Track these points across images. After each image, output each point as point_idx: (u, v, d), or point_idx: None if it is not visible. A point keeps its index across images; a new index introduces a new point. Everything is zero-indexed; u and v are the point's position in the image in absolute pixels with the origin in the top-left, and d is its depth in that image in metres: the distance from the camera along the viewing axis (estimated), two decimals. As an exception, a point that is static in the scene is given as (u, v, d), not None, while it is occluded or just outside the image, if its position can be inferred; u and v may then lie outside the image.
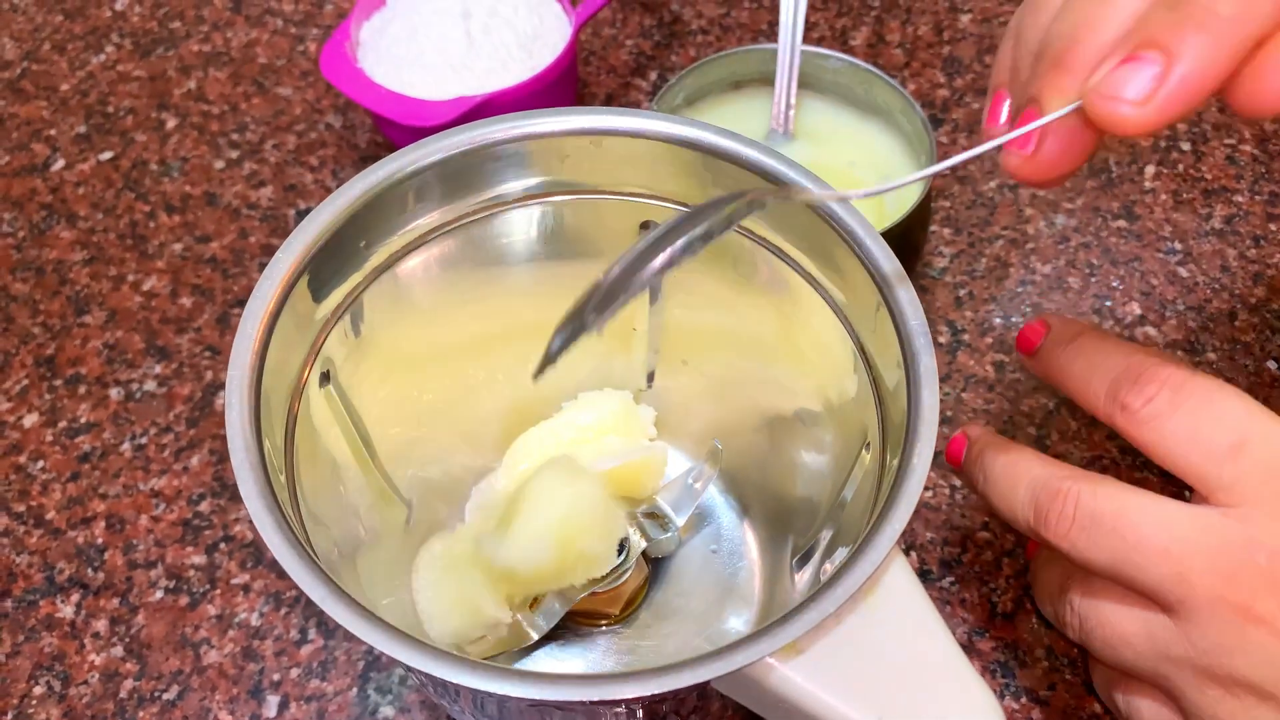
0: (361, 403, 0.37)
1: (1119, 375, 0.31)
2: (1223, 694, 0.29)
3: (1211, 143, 0.58)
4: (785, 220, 0.35)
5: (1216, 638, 0.28)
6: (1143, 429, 0.30)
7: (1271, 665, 0.28)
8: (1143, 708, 0.33)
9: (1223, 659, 0.28)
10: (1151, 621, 0.30)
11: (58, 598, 0.44)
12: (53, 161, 0.60)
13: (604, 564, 0.36)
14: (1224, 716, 0.29)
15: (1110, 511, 0.30)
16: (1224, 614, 0.28)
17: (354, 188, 0.33)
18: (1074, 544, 0.30)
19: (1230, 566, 0.28)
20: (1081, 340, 0.32)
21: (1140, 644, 0.31)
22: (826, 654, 0.27)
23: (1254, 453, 0.29)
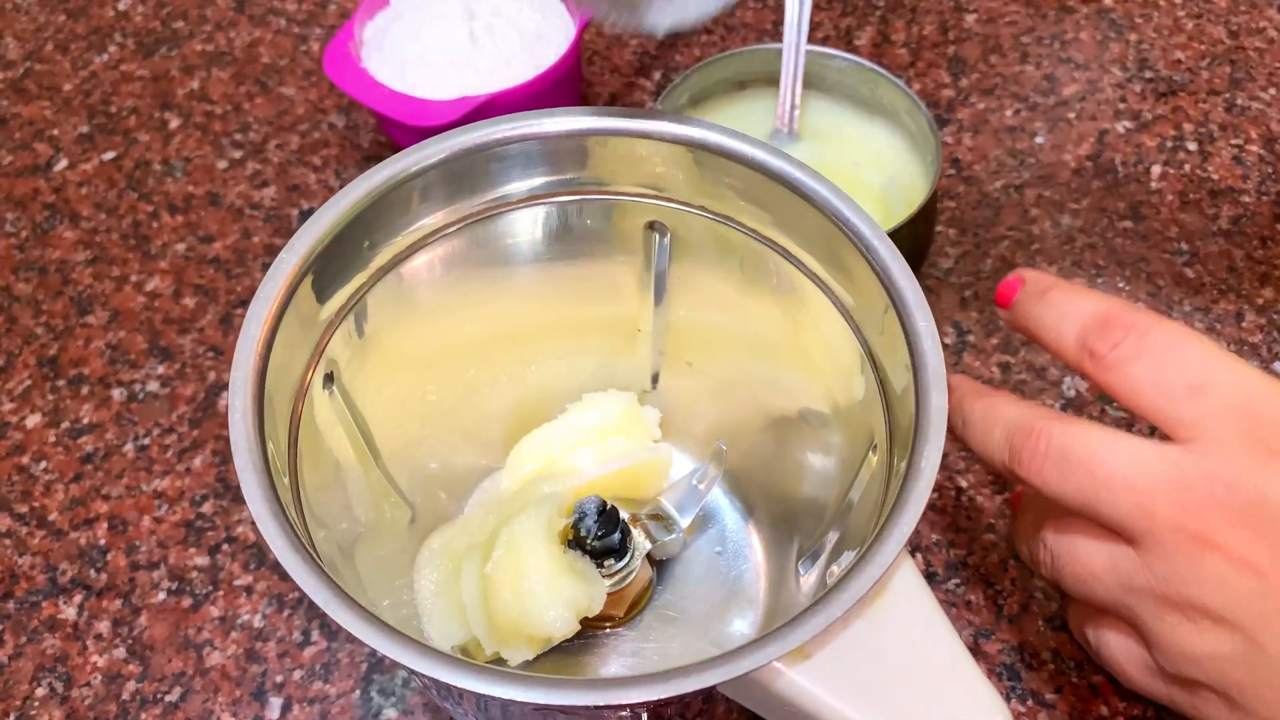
0: (365, 403, 0.37)
1: (1087, 323, 0.32)
2: (1180, 619, 0.30)
3: (1218, 143, 0.57)
4: (793, 222, 0.35)
5: (1175, 566, 0.29)
6: (1109, 373, 0.31)
7: (1226, 590, 0.29)
8: (1110, 640, 0.34)
9: (1180, 586, 0.30)
10: (1116, 554, 0.31)
11: (60, 599, 0.44)
12: (55, 161, 0.60)
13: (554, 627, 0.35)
14: (1181, 642, 0.30)
15: (1080, 447, 0.31)
16: (1183, 543, 0.29)
17: (358, 188, 0.33)
18: (1046, 480, 0.32)
19: (1190, 498, 0.29)
20: (1053, 292, 0.34)
21: (1106, 576, 0.32)
22: (834, 658, 0.27)
23: (1213, 392, 0.30)
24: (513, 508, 0.39)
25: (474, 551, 0.38)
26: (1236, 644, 0.29)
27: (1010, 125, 0.58)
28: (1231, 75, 0.60)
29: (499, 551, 0.36)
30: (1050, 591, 0.43)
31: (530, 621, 0.35)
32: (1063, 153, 0.57)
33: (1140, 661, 0.33)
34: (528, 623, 0.35)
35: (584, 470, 0.40)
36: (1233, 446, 0.29)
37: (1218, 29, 0.63)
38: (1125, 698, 0.40)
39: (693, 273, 0.38)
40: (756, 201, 0.35)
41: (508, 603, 0.35)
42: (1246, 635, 0.29)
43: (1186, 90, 0.60)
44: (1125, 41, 0.62)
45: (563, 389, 0.42)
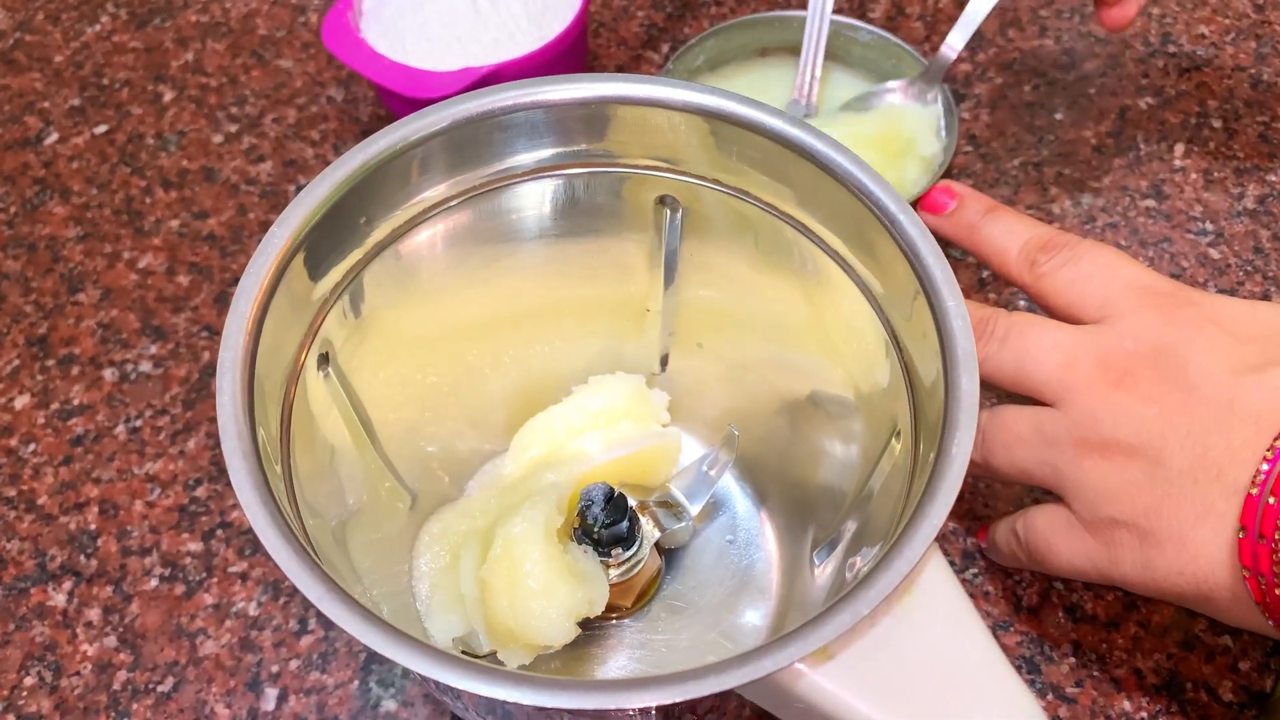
0: (362, 386, 0.35)
1: (1029, 242, 0.38)
2: (1097, 460, 0.34)
3: (1244, 120, 0.56)
4: (814, 197, 0.33)
5: (1090, 409, 0.34)
6: (1042, 281, 0.37)
7: (1135, 422, 0.33)
8: (1035, 519, 0.37)
9: (1095, 426, 0.33)
10: (1041, 415, 0.35)
11: (49, 585, 0.43)
12: (46, 135, 0.58)
13: (551, 636, 0.34)
14: (1098, 481, 0.34)
15: (1018, 326, 0.36)
16: (1097, 388, 0.34)
17: (354, 159, 0.31)
18: (988, 355, 0.36)
19: (1104, 352, 0.34)
20: (998, 212, 0.39)
21: (1030, 436, 0.35)
22: (859, 658, 0.25)
23: (1120, 280, 0.35)
24: (515, 497, 0.38)
25: (473, 541, 0.37)
26: (1144, 468, 0.33)
27: (1029, 101, 0.57)
28: (1257, 50, 0.59)
29: (495, 551, 0.35)
30: (1071, 582, 0.42)
31: (526, 630, 0.34)
32: (1082, 129, 0.56)
33: (1064, 523, 0.35)
34: (523, 631, 0.34)
35: (590, 455, 0.38)
36: (1139, 314, 0.34)
37: (1242, 3, 0.61)
38: (1147, 692, 0.40)
39: (705, 250, 0.37)
40: (775, 175, 0.33)
41: (504, 610, 0.34)
42: (1151, 457, 0.33)
43: (1211, 66, 0.58)
44: (1147, 15, 0.60)
45: (568, 371, 0.41)
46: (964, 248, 0.40)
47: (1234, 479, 0.31)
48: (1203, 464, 0.32)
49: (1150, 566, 0.33)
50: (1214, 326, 0.34)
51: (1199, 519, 0.32)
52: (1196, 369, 0.33)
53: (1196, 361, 0.33)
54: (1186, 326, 0.34)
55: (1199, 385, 0.33)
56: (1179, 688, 0.40)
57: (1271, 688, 0.39)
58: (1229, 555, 0.31)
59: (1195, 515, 0.32)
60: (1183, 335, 0.33)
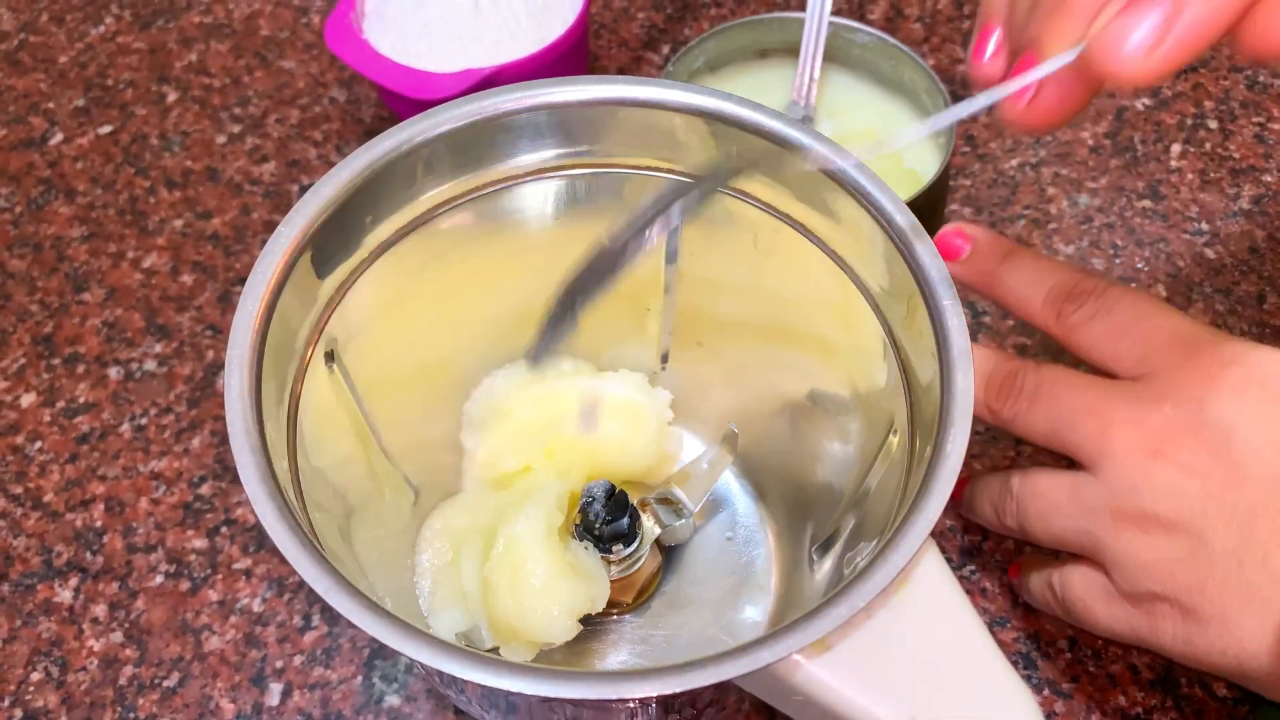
0: (366, 383, 0.36)
1: (1053, 289, 0.35)
2: (1135, 533, 0.32)
3: (1239, 121, 0.56)
4: (811, 197, 0.33)
5: (1129, 478, 0.32)
6: (1073, 333, 0.35)
7: (1174, 496, 0.31)
8: (1072, 578, 0.35)
9: (1134, 498, 0.32)
10: (1078, 481, 0.34)
11: (56, 582, 0.43)
12: (51, 135, 0.59)
13: (553, 633, 0.35)
14: (1137, 555, 0.32)
15: (1050, 381, 0.34)
16: (1136, 457, 0.32)
17: (359, 159, 0.31)
18: (1018, 413, 0.35)
19: (1142, 417, 0.32)
20: (1018, 256, 0.37)
21: (1067, 504, 0.34)
22: (856, 650, 0.26)
23: (1156, 334, 0.33)
24: (513, 494, 0.39)
25: (474, 537, 0.37)
26: (1185, 545, 0.31)
27: (1027, 102, 0.57)
28: (1253, 52, 0.59)
29: (498, 550, 0.35)
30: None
31: (529, 628, 0.34)
32: (1080, 130, 0.56)
33: (1102, 590, 0.34)
34: (526, 629, 0.35)
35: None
36: (1178, 375, 0.32)
37: (1240, 4, 0.61)
38: (1143, 688, 0.40)
39: (705, 250, 0.37)
40: (775, 175, 0.34)
41: (507, 608, 0.35)
42: (1193, 534, 0.31)
43: (1207, 67, 0.58)
44: (1145, 17, 0.61)
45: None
46: (983, 294, 0.38)
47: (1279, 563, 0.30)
48: (1248, 546, 0.30)
49: (1192, 643, 0.32)
50: (1260, 391, 0.31)
51: (1243, 604, 0.30)
52: (1241, 442, 0.31)
53: (1241, 434, 0.31)
54: (1230, 392, 0.31)
55: (1243, 459, 0.31)
56: (1174, 683, 0.40)
57: (1265, 683, 0.40)
58: (1274, 641, 0.30)
59: (1240, 600, 0.30)
60: (1226, 402, 0.31)
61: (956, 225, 0.38)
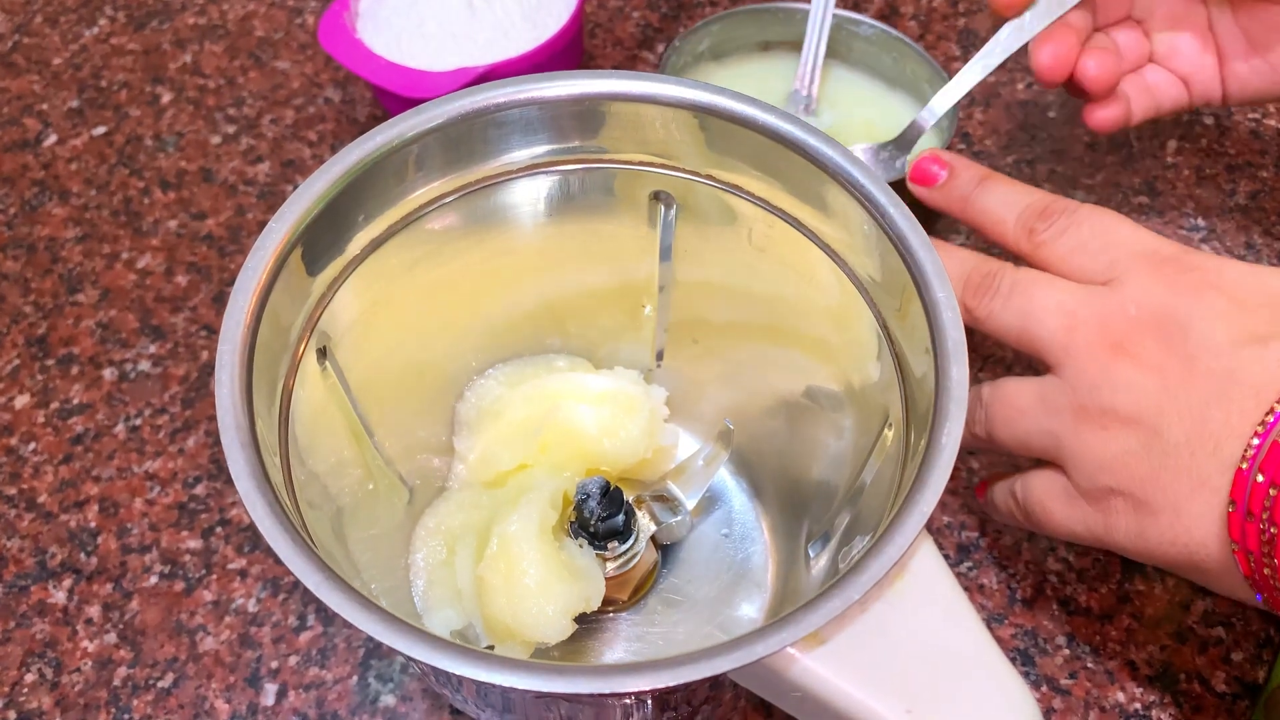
0: (359, 380, 0.35)
1: (1026, 209, 0.37)
2: (1095, 429, 0.33)
3: (1235, 117, 0.56)
4: (806, 191, 0.33)
5: (1090, 377, 0.33)
6: (1043, 249, 0.36)
7: (1133, 391, 0.33)
8: (1034, 482, 0.36)
9: (1095, 395, 0.33)
10: (1043, 384, 0.35)
11: (50, 583, 0.43)
12: (45, 136, 0.59)
13: (548, 633, 0.35)
14: (1095, 450, 0.33)
15: (1024, 282, 0.35)
16: (1098, 355, 0.33)
17: (350, 155, 0.31)
18: (992, 311, 0.36)
19: (1106, 316, 0.34)
20: (992, 181, 0.38)
21: (1032, 406, 0.35)
22: (851, 644, 0.26)
23: (1122, 245, 0.35)
24: (508, 491, 0.38)
25: (468, 535, 0.37)
26: (1141, 438, 0.32)
27: (1022, 99, 0.57)
28: (1249, 47, 0.59)
29: (492, 549, 0.35)
30: (1065, 575, 0.42)
31: (524, 628, 0.34)
32: (1076, 127, 0.56)
33: (1061, 489, 0.35)
34: (521, 628, 0.34)
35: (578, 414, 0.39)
36: (1141, 279, 0.34)
37: (1235, 0, 0.61)
38: (1141, 684, 0.40)
39: (699, 245, 0.37)
40: (768, 170, 0.33)
41: (501, 607, 0.35)
42: (1149, 428, 0.32)
43: (1202, 63, 0.58)
44: (1140, 13, 0.61)
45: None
46: (958, 219, 0.39)
47: (1229, 453, 0.31)
48: (1200, 436, 0.31)
49: (1144, 535, 0.33)
50: (1217, 293, 0.33)
51: (1193, 491, 0.31)
52: (1198, 338, 0.32)
53: (1198, 330, 0.32)
54: (1189, 293, 0.33)
55: (1199, 355, 0.32)
56: (1172, 679, 0.40)
57: (1264, 679, 0.40)
58: (1220, 529, 0.31)
59: (1190, 488, 0.32)
60: (1185, 302, 0.33)
61: (933, 150, 0.40)
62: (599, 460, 0.38)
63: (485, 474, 0.40)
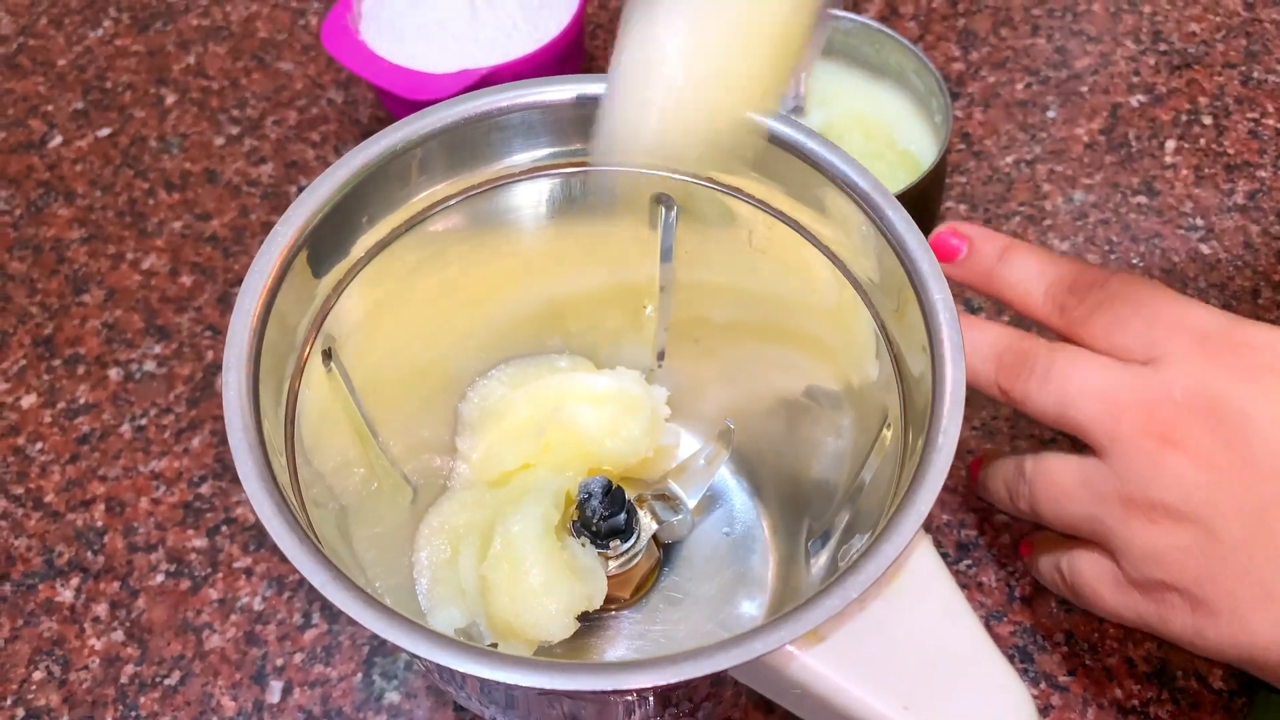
0: (364, 381, 0.36)
1: (1054, 282, 0.35)
2: (1144, 523, 0.31)
3: (1234, 116, 0.56)
4: (805, 193, 0.33)
5: (1138, 467, 0.31)
6: (1076, 328, 0.34)
7: (1184, 486, 0.31)
8: (1081, 563, 0.35)
9: (1143, 486, 0.31)
10: (1087, 466, 0.33)
11: (57, 581, 0.44)
12: (50, 138, 0.59)
13: (552, 631, 0.35)
14: (1146, 544, 0.32)
15: (1060, 363, 0.34)
16: (1145, 444, 0.31)
17: (355, 159, 0.32)
18: (1028, 394, 0.34)
19: (1151, 402, 0.32)
20: (1015, 252, 0.36)
21: (1078, 490, 0.33)
22: (849, 641, 0.26)
23: (1165, 320, 0.33)
24: (510, 493, 0.39)
25: (472, 535, 0.38)
26: (1195, 536, 0.31)
27: (1021, 99, 0.57)
28: (1247, 48, 0.59)
29: (495, 548, 0.35)
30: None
31: (527, 626, 0.35)
32: (1075, 127, 0.56)
33: (1111, 577, 0.34)
34: (524, 627, 0.35)
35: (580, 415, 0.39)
36: (1187, 359, 0.32)
37: (1233, 1, 0.61)
38: (1139, 680, 0.40)
39: (700, 247, 0.37)
40: (767, 172, 0.34)
41: (504, 606, 0.35)
42: (1204, 526, 0.30)
43: (1201, 63, 0.58)
44: (1139, 13, 0.61)
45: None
46: (982, 293, 0.38)
47: None
48: (1259, 538, 0.29)
49: (1202, 634, 0.31)
50: (1272, 376, 0.30)
51: (1257, 602, 0.30)
52: (1253, 430, 0.30)
53: (1253, 421, 0.30)
54: (1242, 378, 0.31)
55: (1255, 449, 0.30)
56: (1170, 676, 0.40)
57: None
58: None
59: (1253, 596, 0.30)
60: (1238, 389, 0.30)
61: (950, 225, 0.38)
62: (601, 460, 0.39)
63: (488, 473, 0.40)
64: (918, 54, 0.48)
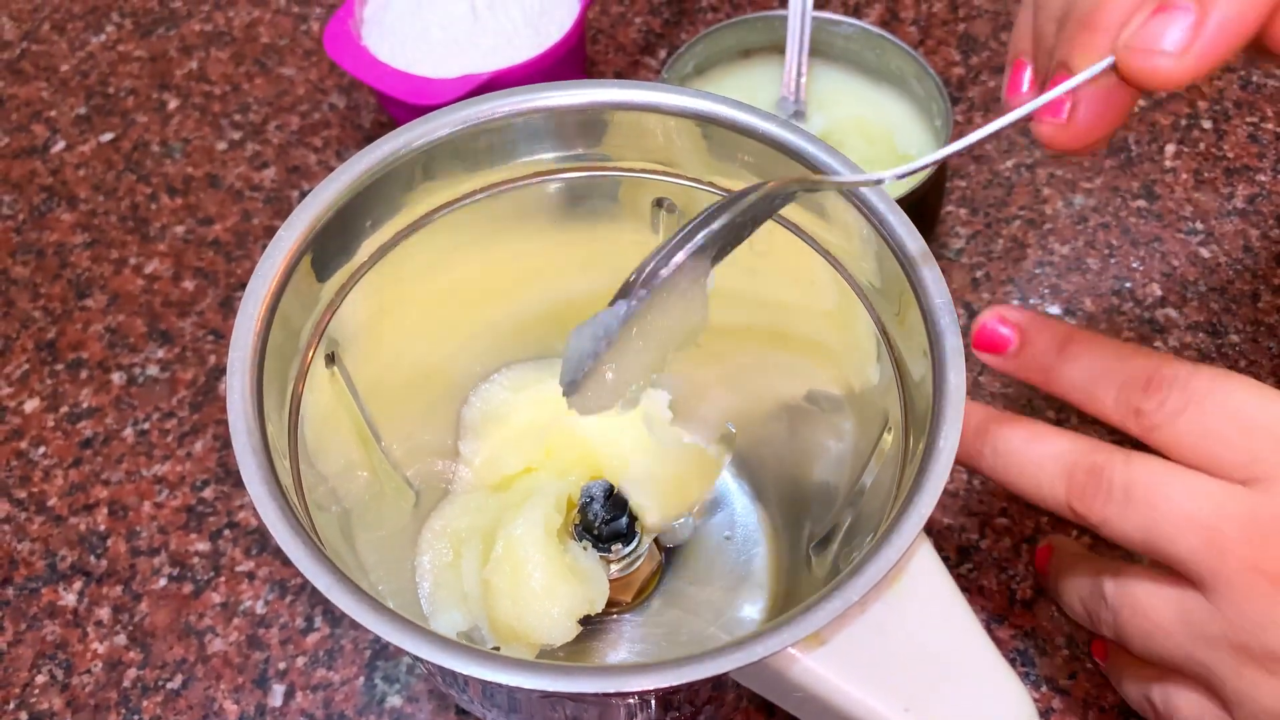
0: (367, 385, 0.36)
1: (1126, 381, 0.30)
2: (1261, 674, 0.28)
3: (1233, 120, 0.56)
4: (806, 198, 0.34)
5: (1250, 611, 0.28)
6: (1157, 432, 0.30)
7: None
8: (1182, 704, 0.31)
9: (1258, 633, 0.28)
10: (1186, 600, 0.29)
11: (60, 585, 0.44)
12: (53, 143, 0.59)
13: (553, 635, 0.35)
14: (1264, 698, 0.28)
15: (1143, 482, 0.29)
16: (1257, 584, 0.27)
17: (359, 163, 0.32)
18: (1107, 518, 0.30)
19: (1260, 535, 0.27)
20: (1077, 345, 0.31)
21: (1176, 629, 0.30)
22: (851, 644, 0.26)
23: (1264, 431, 0.28)
24: (512, 497, 0.39)
25: (474, 538, 0.38)
26: None
27: (1021, 103, 0.57)
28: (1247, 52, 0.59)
29: (497, 552, 0.35)
30: None
31: (529, 630, 0.35)
32: (1075, 131, 0.56)
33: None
34: (526, 631, 0.35)
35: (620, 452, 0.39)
36: None
37: (1233, 5, 0.61)
38: (1141, 683, 0.40)
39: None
40: (767, 177, 0.34)
41: (506, 610, 0.35)
42: None
43: (1203, 67, 0.59)
44: (1138, 18, 0.61)
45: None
46: (1041, 389, 0.32)
47: None
48: None
49: None
50: None
51: None
52: None
53: None
54: None
55: None
56: (1170, 679, 0.40)
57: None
58: None
59: None
60: None
61: (996, 311, 0.32)
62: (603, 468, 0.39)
63: (490, 477, 0.40)
64: (918, 59, 0.48)
